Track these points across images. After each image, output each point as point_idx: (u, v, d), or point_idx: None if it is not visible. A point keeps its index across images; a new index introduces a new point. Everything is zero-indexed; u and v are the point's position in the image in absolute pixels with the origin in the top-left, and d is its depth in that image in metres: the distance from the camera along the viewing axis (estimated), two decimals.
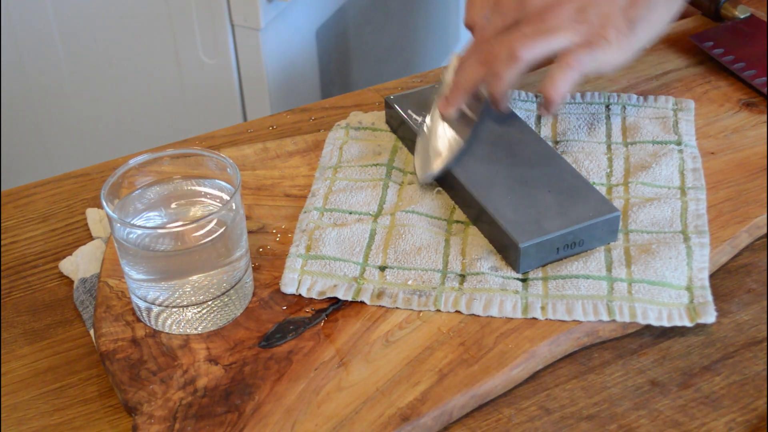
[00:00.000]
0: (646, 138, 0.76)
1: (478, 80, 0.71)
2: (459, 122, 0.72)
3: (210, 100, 1.32)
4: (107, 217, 0.59)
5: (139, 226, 0.62)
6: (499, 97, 0.70)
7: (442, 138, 0.71)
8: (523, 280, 0.64)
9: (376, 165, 0.74)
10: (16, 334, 0.65)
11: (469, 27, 0.78)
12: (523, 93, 0.81)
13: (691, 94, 0.82)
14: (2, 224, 0.74)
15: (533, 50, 0.68)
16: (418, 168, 0.71)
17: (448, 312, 0.63)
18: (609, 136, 0.76)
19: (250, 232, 0.69)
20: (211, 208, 0.64)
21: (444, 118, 0.72)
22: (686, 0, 0.74)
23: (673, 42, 0.89)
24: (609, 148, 0.75)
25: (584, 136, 0.76)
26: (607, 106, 0.79)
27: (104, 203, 0.59)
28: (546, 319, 0.61)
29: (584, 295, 0.62)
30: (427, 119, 0.73)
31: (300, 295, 0.64)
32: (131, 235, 0.60)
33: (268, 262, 0.67)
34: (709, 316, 0.61)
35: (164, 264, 0.61)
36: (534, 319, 0.62)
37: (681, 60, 0.87)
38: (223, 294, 0.62)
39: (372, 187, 0.72)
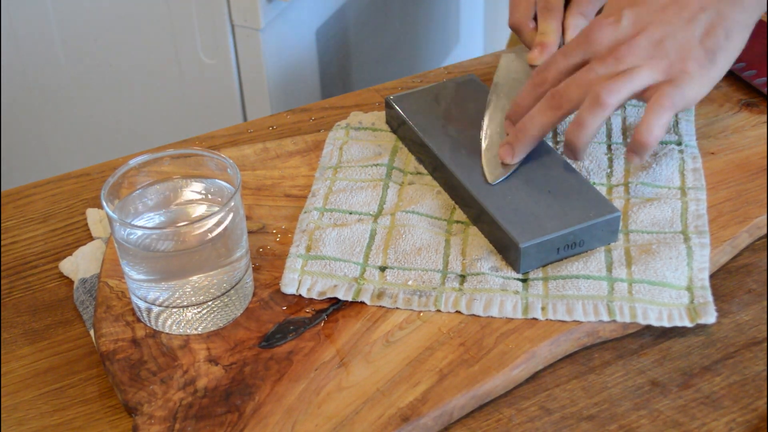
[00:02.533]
0: None
1: (550, 126, 0.67)
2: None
3: (210, 100, 1.32)
4: (107, 218, 0.59)
5: (140, 227, 0.62)
6: (582, 148, 0.66)
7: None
8: (524, 281, 0.64)
9: (376, 165, 0.74)
10: (16, 335, 0.65)
11: (515, 28, 0.76)
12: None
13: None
14: (2, 224, 0.74)
15: (618, 94, 0.64)
16: (488, 171, 0.69)
17: (449, 312, 0.63)
18: (609, 136, 0.76)
19: (250, 232, 0.69)
20: (211, 208, 0.64)
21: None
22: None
23: None
24: (609, 148, 0.75)
25: None
26: None
27: (104, 203, 0.59)
28: (546, 319, 0.61)
29: (584, 296, 0.62)
30: (486, 118, 0.73)
31: (300, 295, 0.64)
32: (131, 236, 0.60)
33: (268, 262, 0.67)
34: (710, 317, 0.61)
35: (164, 264, 0.61)
36: (534, 319, 0.62)
37: None
38: (223, 294, 0.62)
39: (372, 188, 0.72)
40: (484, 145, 0.71)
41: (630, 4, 0.67)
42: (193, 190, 0.65)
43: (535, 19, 0.76)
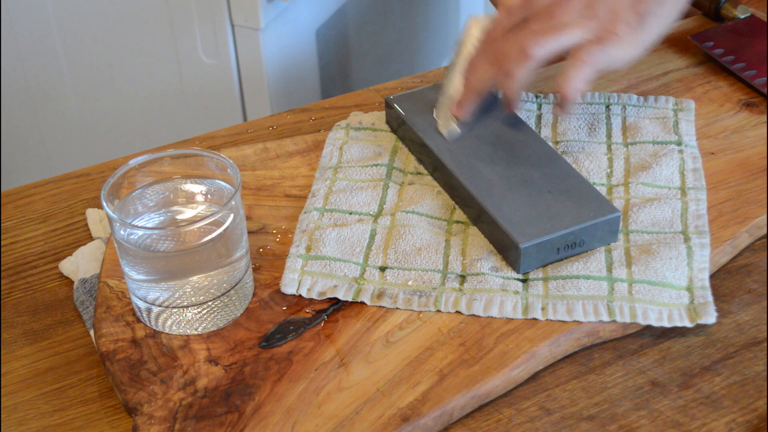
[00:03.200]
0: (646, 138, 0.76)
1: (490, 80, 0.70)
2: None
3: (210, 100, 1.32)
4: (107, 218, 0.59)
5: (140, 227, 0.62)
6: (512, 97, 0.70)
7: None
8: (524, 281, 0.64)
9: (376, 165, 0.74)
10: (16, 335, 0.65)
11: (494, 2, 0.78)
12: (523, 93, 0.81)
13: (692, 94, 0.82)
14: (2, 224, 0.74)
15: (544, 47, 0.67)
16: (442, 126, 0.73)
17: (449, 312, 0.63)
18: (609, 136, 0.76)
19: (250, 232, 0.69)
20: (211, 208, 0.64)
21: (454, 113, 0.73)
22: None
23: (673, 42, 0.89)
24: (609, 148, 0.75)
25: (584, 136, 0.76)
26: (608, 107, 0.79)
27: (104, 204, 0.59)
28: (546, 319, 0.61)
29: (585, 296, 0.62)
30: (449, 77, 0.74)
31: (300, 295, 0.64)
32: (131, 236, 0.60)
33: (268, 262, 0.67)
34: (710, 317, 0.61)
35: (164, 264, 0.61)
36: (534, 319, 0.62)
37: (681, 60, 0.87)
38: (223, 294, 0.62)
39: (372, 188, 0.72)
40: (439, 102, 0.74)
41: None
42: (193, 190, 0.65)
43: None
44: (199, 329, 0.62)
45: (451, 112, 0.73)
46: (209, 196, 0.65)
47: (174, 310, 0.61)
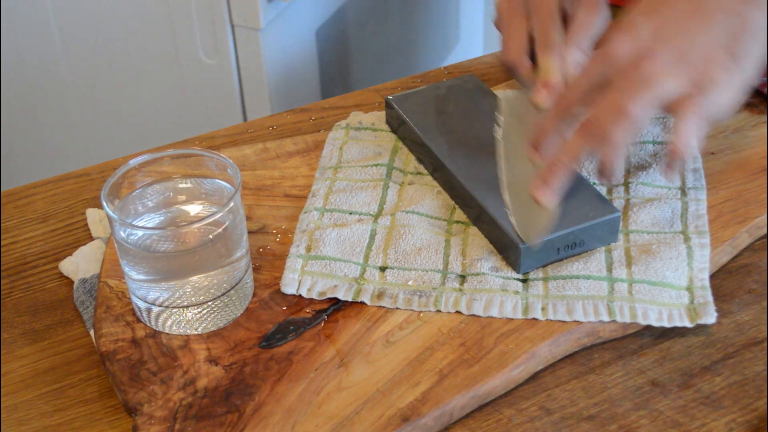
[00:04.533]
0: (646, 138, 0.76)
1: (582, 152, 0.63)
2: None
3: (210, 100, 1.32)
4: (107, 218, 0.59)
5: (140, 227, 0.62)
6: (614, 165, 0.63)
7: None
8: (524, 281, 0.64)
9: (376, 165, 0.74)
10: (16, 335, 0.65)
11: (509, 65, 0.72)
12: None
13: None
14: (2, 224, 0.74)
15: (642, 103, 0.60)
16: (526, 232, 0.64)
17: (449, 312, 0.63)
18: None
19: (250, 232, 0.69)
20: (212, 208, 0.64)
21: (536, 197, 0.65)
22: None
23: None
24: None
25: None
26: None
27: (104, 203, 0.59)
28: (546, 319, 0.61)
29: (585, 296, 0.62)
30: (502, 173, 0.68)
31: (300, 295, 0.64)
32: (131, 236, 0.60)
33: (268, 262, 0.67)
34: (710, 317, 0.61)
35: (164, 264, 0.61)
36: (534, 319, 0.62)
37: None
38: (223, 294, 0.62)
39: (372, 188, 0.72)
40: (511, 206, 0.66)
41: (645, 14, 0.64)
42: (193, 190, 0.65)
43: (531, 55, 0.71)
44: (199, 329, 0.62)
45: (535, 197, 0.64)
46: (209, 196, 0.65)
47: (174, 310, 0.61)
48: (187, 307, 0.61)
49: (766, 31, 0.64)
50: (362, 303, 0.64)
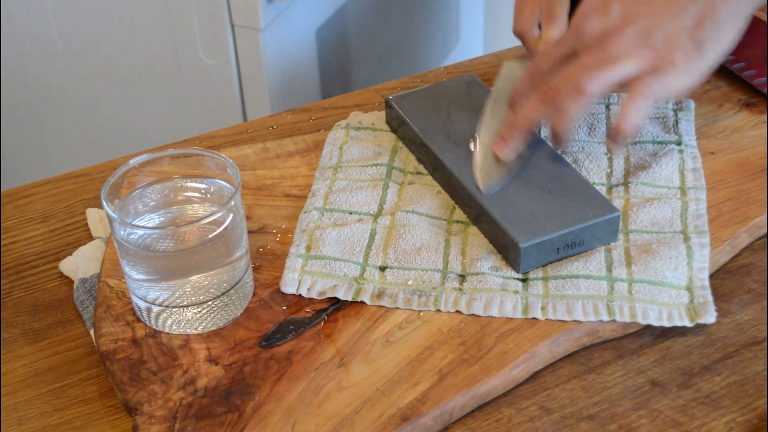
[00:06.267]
0: (646, 138, 0.76)
1: (539, 118, 0.67)
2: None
3: (210, 100, 1.32)
4: (107, 218, 0.59)
5: (140, 227, 0.62)
6: (564, 134, 0.67)
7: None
8: (524, 280, 0.64)
9: (376, 165, 0.74)
10: (16, 334, 0.65)
11: (519, 35, 0.76)
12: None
13: (691, 94, 0.82)
14: (2, 224, 0.74)
15: (598, 82, 0.64)
16: (480, 178, 0.68)
17: (449, 312, 0.63)
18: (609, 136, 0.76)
19: (250, 232, 0.69)
20: (212, 208, 0.64)
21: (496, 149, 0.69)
22: (752, 16, 0.69)
23: None
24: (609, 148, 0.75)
25: (584, 136, 0.76)
26: (608, 106, 0.79)
27: (104, 203, 0.59)
28: (546, 319, 0.61)
29: (584, 295, 0.62)
30: (481, 125, 0.72)
31: (300, 295, 0.64)
32: (131, 236, 0.60)
33: (268, 262, 0.67)
34: (709, 316, 0.61)
35: (164, 264, 0.61)
36: (534, 319, 0.62)
37: None
38: (223, 294, 0.62)
39: (372, 187, 0.72)
40: (476, 152, 0.70)
41: None
42: (193, 190, 0.65)
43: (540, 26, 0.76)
44: (199, 329, 0.62)
45: (493, 152, 0.69)
46: (209, 195, 0.65)
47: (174, 309, 0.61)
48: (187, 306, 0.61)
49: (737, 20, 0.67)
50: (362, 303, 0.64)
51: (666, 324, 0.61)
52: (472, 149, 0.71)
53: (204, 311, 0.62)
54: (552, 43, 0.69)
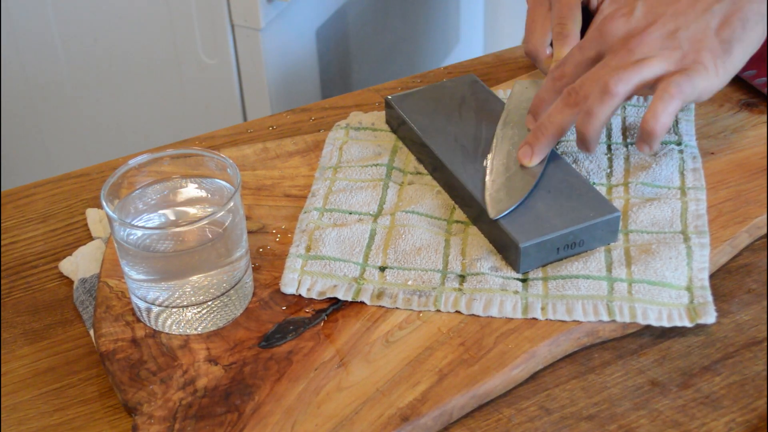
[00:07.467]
0: None
1: (568, 124, 0.66)
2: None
3: (210, 100, 1.32)
4: (107, 218, 0.59)
5: (139, 227, 0.62)
6: (591, 137, 0.66)
7: (516, 175, 0.68)
8: (523, 281, 0.64)
9: (376, 165, 0.74)
10: (16, 334, 0.65)
11: (531, 55, 0.75)
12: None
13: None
14: (2, 224, 0.74)
15: (626, 82, 0.63)
16: (490, 204, 0.66)
17: (448, 312, 0.63)
18: (609, 136, 0.76)
19: (250, 232, 0.69)
20: (212, 208, 0.64)
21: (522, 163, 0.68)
22: None
23: None
24: (609, 148, 0.75)
25: None
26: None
27: (104, 203, 0.59)
28: (546, 319, 0.61)
29: (584, 296, 0.62)
30: (492, 148, 0.71)
31: (300, 295, 0.64)
32: (131, 236, 0.60)
33: (268, 262, 0.67)
34: (709, 317, 0.61)
35: (164, 264, 0.61)
36: (534, 319, 0.62)
37: None
38: (223, 294, 0.62)
39: (372, 188, 0.72)
40: (488, 177, 0.68)
41: None
42: (193, 190, 0.65)
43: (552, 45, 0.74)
44: (199, 329, 0.62)
45: (519, 160, 0.67)
46: (209, 196, 0.65)
47: (174, 309, 0.61)
48: (186, 306, 0.61)
49: (763, 19, 0.66)
50: (362, 303, 0.64)
51: (666, 324, 0.61)
52: (486, 172, 0.68)
53: (204, 311, 0.62)
54: (576, 45, 0.68)
